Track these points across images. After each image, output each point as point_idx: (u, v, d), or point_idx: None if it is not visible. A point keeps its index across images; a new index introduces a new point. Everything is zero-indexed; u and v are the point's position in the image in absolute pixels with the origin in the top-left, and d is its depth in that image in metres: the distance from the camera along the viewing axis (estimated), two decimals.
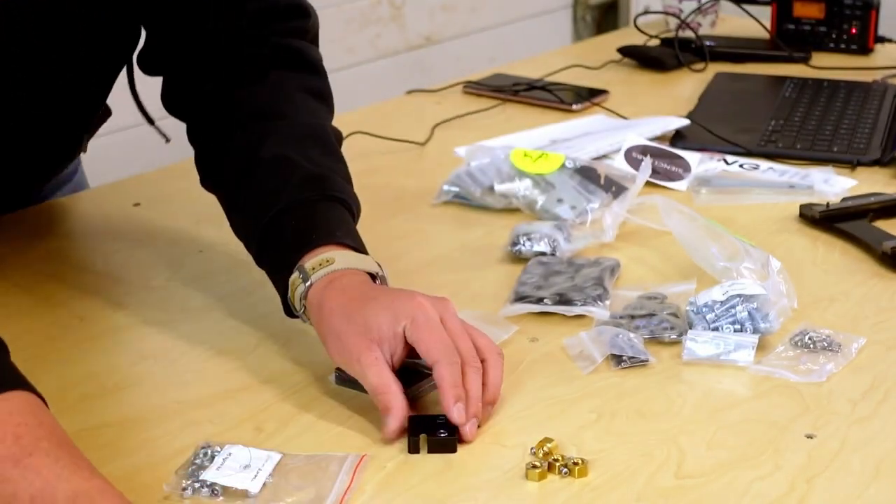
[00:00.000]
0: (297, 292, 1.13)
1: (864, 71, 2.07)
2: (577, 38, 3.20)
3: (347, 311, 1.08)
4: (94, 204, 1.52)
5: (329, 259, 1.13)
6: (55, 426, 0.93)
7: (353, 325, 1.07)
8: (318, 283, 1.12)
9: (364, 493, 0.97)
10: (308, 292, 1.12)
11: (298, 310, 1.14)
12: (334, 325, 1.09)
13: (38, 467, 0.88)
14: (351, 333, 1.07)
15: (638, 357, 1.15)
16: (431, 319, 1.06)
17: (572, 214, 1.45)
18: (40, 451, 0.89)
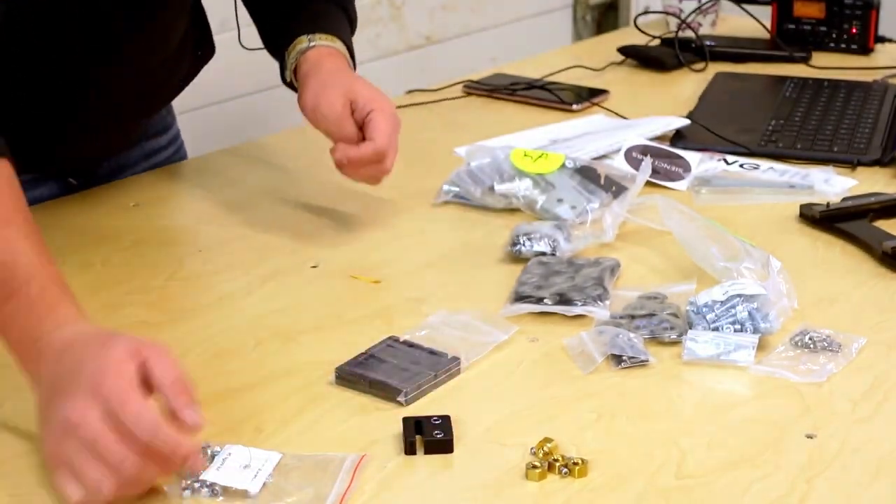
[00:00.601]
0: (299, 47, 1.46)
1: (864, 71, 2.07)
2: (577, 38, 3.19)
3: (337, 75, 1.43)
4: (94, 204, 1.52)
5: (334, 39, 1.48)
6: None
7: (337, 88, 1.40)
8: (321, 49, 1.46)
9: (364, 494, 0.97)
10: (309, 51, 1.45)
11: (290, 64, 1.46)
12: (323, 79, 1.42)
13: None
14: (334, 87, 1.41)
15: (638, 357, 1.15)
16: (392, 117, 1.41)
17: (572, 214, 1.45)
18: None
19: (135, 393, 0.95)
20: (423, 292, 1.30)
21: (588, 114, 1.87)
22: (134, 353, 0.97)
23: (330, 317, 1.26)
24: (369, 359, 1.14)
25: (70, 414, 0.95)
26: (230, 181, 1.62)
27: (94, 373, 0.96)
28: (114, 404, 0.95)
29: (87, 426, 0.95)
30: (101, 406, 0.95)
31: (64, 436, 0.96)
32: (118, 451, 0.94)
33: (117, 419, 0.94)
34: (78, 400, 0.96)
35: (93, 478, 0.94)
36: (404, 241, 1.43)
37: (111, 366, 0.96)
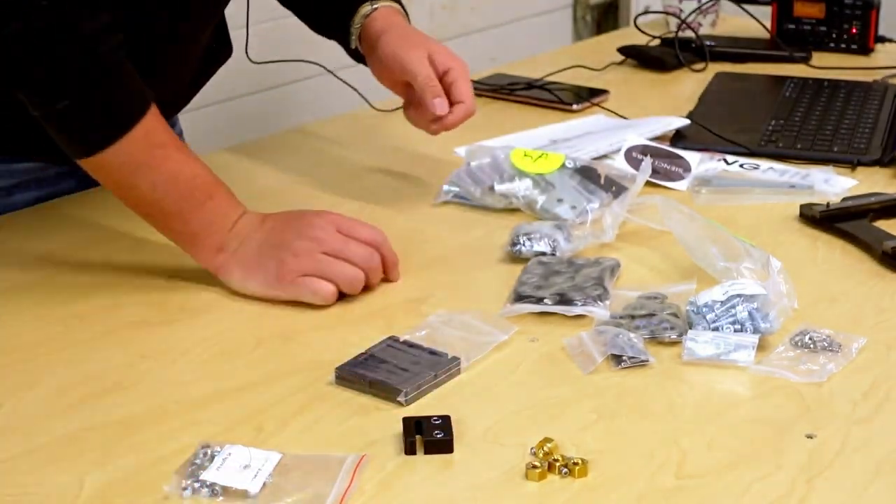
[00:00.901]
0: (363, 11, 1.52)
1: (864, 71, 2.07)
2: (577, 38, 3.19)
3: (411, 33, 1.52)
4: (95, 204, 1.52)
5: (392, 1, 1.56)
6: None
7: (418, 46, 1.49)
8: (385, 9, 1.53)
9: (364, 494, 0.97)
10: (374, 12, 1.52)
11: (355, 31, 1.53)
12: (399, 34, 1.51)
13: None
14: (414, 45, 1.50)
15: (638, 357, 1.15)
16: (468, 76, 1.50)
17: (572, 214, 1.45)
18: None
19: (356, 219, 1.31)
20: (423, 292, 1.30)
21: (588, 114, 1.87)
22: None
23: (330, 317, 1.26)
24: (369, 359, 1.14)
25: (313, 234, 1.27)
26: (229, 181, 1.61)
27: (320, 214, 1.31)
28: (345, 225, 1.29)
29: (332, 239, 1.27)
30: (335, 226, 1.28)
31: (308, 254, 1.26)
32: (364, 250, 1.28)
33: (352, 233, 1.29)
34: (314, 227, 1.28)
35: (348, 273, 1.27)
36: (404, 241, 1.42)
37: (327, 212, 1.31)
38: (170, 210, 1.28)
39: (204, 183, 1.29)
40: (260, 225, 1.29)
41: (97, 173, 1.30)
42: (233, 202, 1.31)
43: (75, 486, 0.98)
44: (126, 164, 1.26)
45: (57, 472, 1.00)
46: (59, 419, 1.08)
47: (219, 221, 1.29)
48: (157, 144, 1.27)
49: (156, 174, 1.27)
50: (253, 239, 1.28)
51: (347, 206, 1.51)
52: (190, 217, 1.29)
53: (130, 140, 1.25)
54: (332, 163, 1.64)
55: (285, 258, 1.26)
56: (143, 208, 1.31)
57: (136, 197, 1.29)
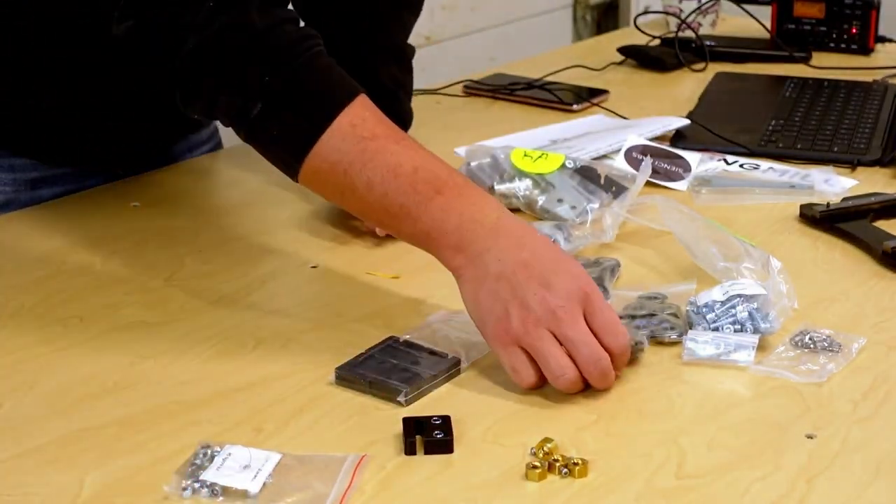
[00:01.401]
0: None
1: (864, 71, 2.07)
2: (577, 38, 3.19)
3: None
4: (94, 204, 1.52)
5: None
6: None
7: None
8: None
9: (364, 494, 0.97)
10: None
11: None
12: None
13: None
14: None
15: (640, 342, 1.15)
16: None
17: (572, 214, 1.45)
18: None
19: (611, 307, 1.12)
20: (423, 292, 1.30)
21: (588, 114, 1.87)
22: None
23: (330, 317, 1.26)
24: (369, 359, 1.14)
25: (555, 304, 1.08)
26: (230, 181, 1.62)
27: (577, 274, 1.11)
28: (597, 307, 1.09)
29: (570, 326, 1.08)
30: (582, 306, 1.09)
31: (535, 325, 1.08)
32: (596, 351, 1.08)
33: (599, 322, 1.09)
34: (561, 295, 1.08)
35: (562, 372, 1.08)
36: (404, 241, 1.42)
37: (584, 272, 1.12)
38: (394, 209, 1.15)
39: (429, 176, 1.14)
40: (516, 246, 1.12)
41: (314, 185, 1.19)
42: (474, 199, 1.14)
43: (75, 486, 0.98)
44: (337, 164, 1.14)
45: (57, 472, 1.00)
46: (59, 419, 1.08)
47: (453, 220, 1.13)
48: (366, 137, 1.15)
49: (370, 170, 1.14)
50: (501, 260, 1.11)
51: None
52: (418, 214, 1.14)
53: (334, 134, 1.14)
54: None
55: (511, 313, 1.09)
56: (368, 212, 1.19)
57: (357, 200, 1.16)
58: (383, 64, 1.57)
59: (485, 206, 1.14)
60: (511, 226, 1.13)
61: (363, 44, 1.57)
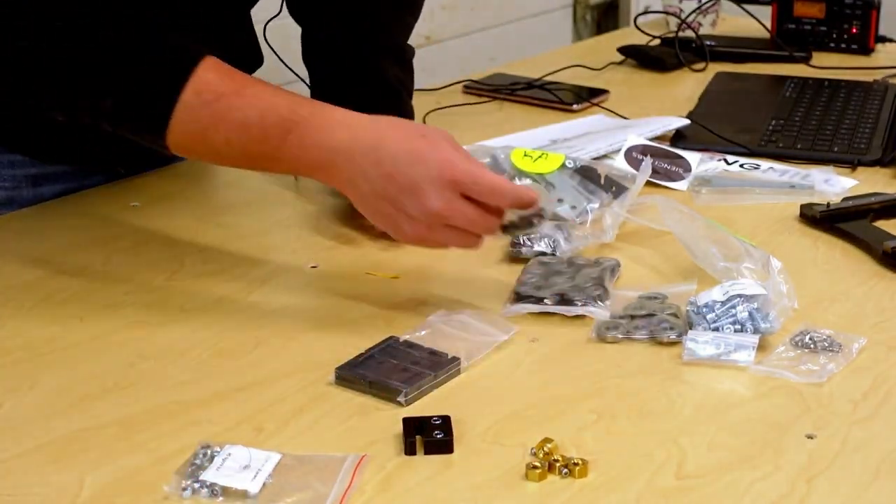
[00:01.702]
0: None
1: (864, 71, 2.07)
2: (577, 38, 3.19)
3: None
4: (94, 204, 1.52)
5: None
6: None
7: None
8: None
9: (364, 494, 0.97)
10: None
11: None
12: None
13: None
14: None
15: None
16: None
17: (572, 214, 1.45)
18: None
19: (479, 167, 1.19)
20: (423, 292, 1.30)
21: (588, 114, 1.87)
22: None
23: (330, 317, 1.26)
24: (369, 359, 1.14)
25: (431, 206, 1.16)
26: (230, 181, 1.62)
27: (438, 163, 1.17)
28: (469, 184, 1.17)
29: (457, 215, 1.17)
30: (459, 191, 1.17)
31: (426, 226, 1.18)
32: (490, 223, 1.20)
33: (479, 194, 1.17)
34: (435, 196, 1.16)
35: (468, 243, 1.21)
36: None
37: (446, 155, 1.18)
38: (256, 158, 1.22)
39: (275, 119, 1.20)
40: (375, 164, 1.18)
41: (183, 152, 1.26)
42: (322, 126, 1.19)
43: (75, 486, 0.98)
44: (195, 132, 1.21)
45: (57, 472, 1.00)
46: (59, 419, 1.08)
47: (310, 155, 1.20)
48: (212, 100, 1.20)
49: (224, 129, 1.20)
50: (369, 181, 1.19)
51: (347, 207, 1.51)
52: (279, 157, 1.21)
53: (184, 107, 1.20)
54: None
55: (403, 227, 1.20)
56: (238, 164, 1.27)
57: (222, 156, 1.24)
58: (386, 63, 1.58)
59: (334, 131, 1.20)
60: (363, 141, 1.19)
61: (364, 44, 1.57)
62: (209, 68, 1.21)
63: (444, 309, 1.24)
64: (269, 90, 1.22)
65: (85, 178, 1.56)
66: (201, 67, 1.21)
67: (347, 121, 1.20)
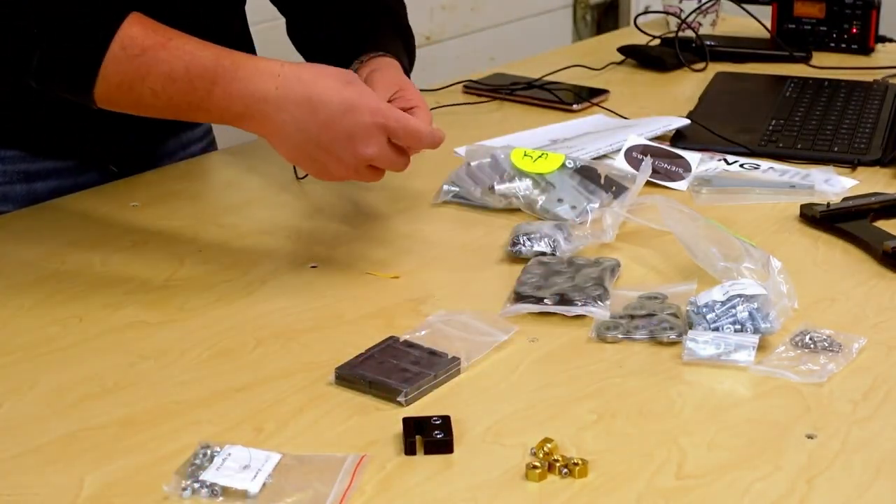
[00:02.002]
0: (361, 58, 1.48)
1: (864, 71, 2.07)
2: (577, 38, 3.19)
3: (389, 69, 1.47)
4: (94, 204, 1.52)
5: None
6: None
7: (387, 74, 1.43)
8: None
9: (364, 494, 0.97)
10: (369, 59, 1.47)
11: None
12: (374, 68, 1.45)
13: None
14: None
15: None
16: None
17: (572, 214, 1.45)
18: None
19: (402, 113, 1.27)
20: (423, 292, 1.30)
21: (588, 114, 1.87)
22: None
23: (330, 317, 1.26)
24: (369, 359, 1.14)
25: (364, 152, 1.25)
26: (230, 181, 1.62)
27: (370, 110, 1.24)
28: (396, 130, 1.25)
29: (386, 159, 1.27)
30: (386, 135, 1.25)
31: (354, 169, 1.27)
32: (405, 162, 1.29)
33: (405, 139, 1.27)
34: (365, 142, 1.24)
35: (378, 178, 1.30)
36: (404, 241, 1.43)
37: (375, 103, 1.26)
38: (184, 108, 1.26)
39: (201, 72, 1.24)
40: (310, 113, 1.24)
41: (110, 105, 1.28)
42: (248, 76, 1.24)
43: (75, 486, 0.98)
44: (122, 84, 1.25)
45: (57, 472, 1.00)
46: (59, 419, 1.08)
47: (238, 105, 1.24)
48: (137, 54, 1.24)
49: (151, 82, 1.24)
50: (302, 129, 1.25)
51: (348, 206, 1.51)
52: (207, 107, 1.25)
53: (110, 60, 1.24)
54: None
55: (332, 170, 1.27)
56: (165, 115, 1.29)
57: (150, 108, 1.27)
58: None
59: (261, 81, 1.24)
60: (294, 91, 1.24)
61: (364, 44, 1.56)
62: (134, 23, 1.25)
63: (444, 309, 1.24)
64: (194, 42, 1.26)
65: (78, 175, 1.56)
66: (127, 22, 1.25)
67: (272, 69, 1.24)
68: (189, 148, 1.71)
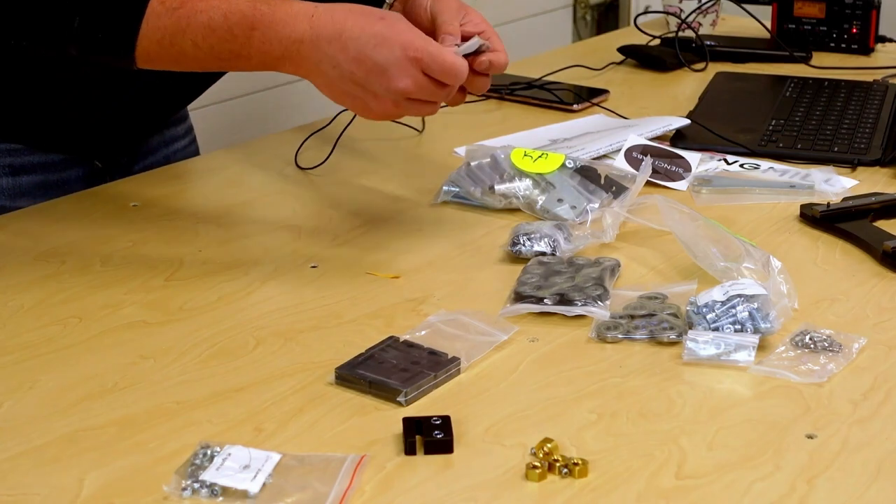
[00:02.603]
0: None
1: (864, 71, 2.07)
2: (577, 37, 3.19)
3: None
4: (94, 204, 1.52)
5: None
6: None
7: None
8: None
9: (364, 494, 0.97)
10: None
11: None
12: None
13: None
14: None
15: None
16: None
17: (572, 214, 1.45)
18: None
19: (436, 45, 1.28)
20: (423, 292, 1.30)
21: (588, 114, 1.87)
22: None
23: (330, 317, 1.26)
24: (369, 359, 1.14)
25: (399, 85, 1.26)
26: (230, 181, 1.62)
27: (403, 45, 1.25)
28: (430, 63, 1.26)
29: (417, 88, 1.26)
30: (420, 68, 1.26)
31: (393, 103, 1.28)
32: (444, 91, 1.29)
33: (439, 73, 1.26)
34: (400, 76, 1.25)
35: (426, 111, 1.31)
36: (404, 241, 1.43)
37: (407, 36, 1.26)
38: (226, 57, 1.28)
39: (239, 19, 1.26)
40: (341, 49, 1.26)
41: (151, 63, 1.29)
42: (285, 19, 1.26)
43: (75, 486, 0.98)
44: (164, 40, 1.26)
45: (57, 472, 1.00)
46: (59, 419, 1.08)
47: (276, 48, 1.26)
48: (176, 7, 1.26)
49: (191, 33, 1.26)
50: (336, 66, 1.26)
51: (348, 206, 1.51)
52: (248, 54, 1.27)
53: (150, 17, 1.25)
54: (331, 162, 1.64)
55: (371, 105, 1.28)
56: (208, 67, 1.31)
57: (193, 61, 1.29)
58: None
59: (297, 23, 1.26)
60: (326, 29, 1.26)
61: None
62: None
63: (444, 309, 1.24)
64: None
65: (63, 170, 1.56)
66: None
67: (307, 11, 1.27)
68: (172, 145, 1.71)
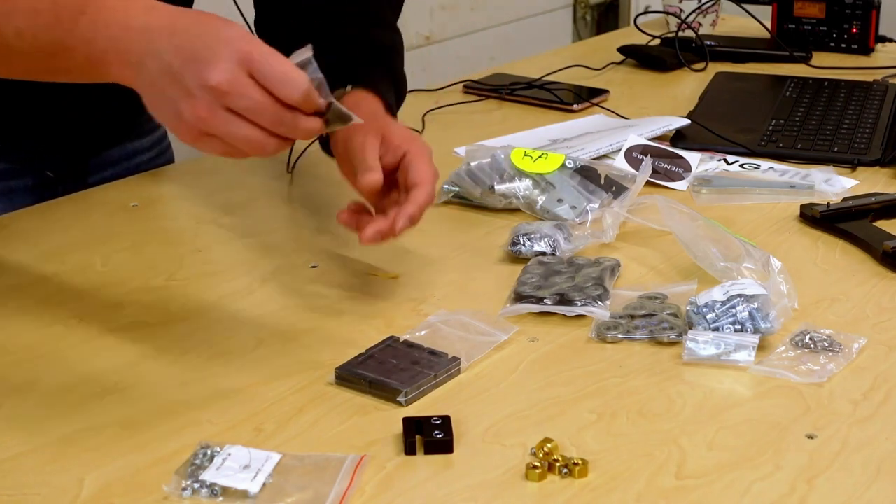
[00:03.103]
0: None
1: (864, 71, 2.07)
2: (577, 38, 3.20)
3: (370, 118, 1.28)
4: (94, 204, 1.52)
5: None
6: None
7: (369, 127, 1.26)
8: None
9: (364, 494, 0.97)
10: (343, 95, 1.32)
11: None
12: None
13: None
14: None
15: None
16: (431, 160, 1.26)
17: (572, 214, 1.45)
18: None
19: (278, 54, 1.01)
20: (423, 292, 1.30)
21: (588, 114, 1.87)
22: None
23: (330, 317, 1.26)
24: (369, 359, 1.14)
25: (217, 79, 0.99)
26: (230, 181, 1.62)
27: (233, 38, 1.01)
28: (260, 63, 1.00)
29: (239, 93, 1.00)
30: (246, 68, 1.00)
31: (207, 109, 1.00)
32: (276, 113, 1.00)
33: (268, 77, 1.00)
34: (220, 69, 0.99)
35: (250, 141, 1.01)
36: (404, 241, 1.42)
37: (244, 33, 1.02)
38: (50, 49, 1.08)
39: (67, 1, 1.07)
40: (167, 38, 1.03)
41: None
42: (117, 6, 1.06)
43: (75, 486, 0.98)
44: None
45: (57, 472, 1.00)
46: (59, 419, 1.08)
47: (104, 34, 1.05)
48: None
49: (15, 20, 1.08)
50: (157, 55, 1.03)
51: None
52: (72, 43, 1.06)
53: None
54: (331, 163, 1.64)
55: (182, 108, 1.02)
56: (32, 63, 1.12)
57: (18, 55, 1.10)
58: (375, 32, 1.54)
59: (131, 10, 1.06)
60: (162, 17, 1.05)
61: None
62: None
63: (444, 309, 1.24)
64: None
65: (11, 179, 1.53)
66: None
67: (146, 3, 1.07)
68: (135, 158, 1.67)
